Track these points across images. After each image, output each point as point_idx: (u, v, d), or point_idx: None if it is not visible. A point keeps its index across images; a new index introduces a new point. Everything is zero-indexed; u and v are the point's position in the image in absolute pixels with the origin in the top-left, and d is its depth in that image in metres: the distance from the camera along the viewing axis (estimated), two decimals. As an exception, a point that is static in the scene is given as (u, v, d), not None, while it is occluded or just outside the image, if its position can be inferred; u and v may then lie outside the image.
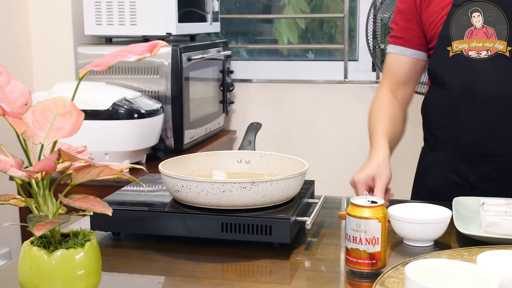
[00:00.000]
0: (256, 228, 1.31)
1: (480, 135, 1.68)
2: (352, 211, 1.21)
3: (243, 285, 1.18)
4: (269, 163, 1.59)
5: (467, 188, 1.70)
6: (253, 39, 3.65)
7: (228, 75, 3.14)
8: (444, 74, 1.71)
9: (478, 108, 1.66)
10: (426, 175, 1.84)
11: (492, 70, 1.63)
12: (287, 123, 3.35)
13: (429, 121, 1.82)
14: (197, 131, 2.77)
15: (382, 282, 1.13)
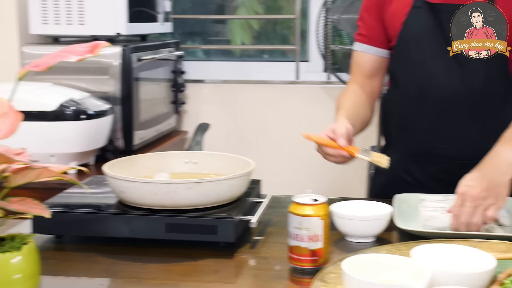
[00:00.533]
0: (201, 228, 1.33)
1: (431, 136, 1.73)
2: (295, 209, 1.24)
3: (187, 284, 1.20)
4: (216, 163, 1.61)
5: (416, 187, 1.74)
6: (207, 39, 3.65)
7: (180, 76, 3.14)
8: (401, 75, 1.76)
9: (430, 110, 1.71)
10: (380, 171, 1.88)
11: (446, 73, 1.68)
12: (240, 123, 3.37)
13: (385, 120, 1.87)
14: (148, 132, 2.76)
15: (321, 277, 1.15)
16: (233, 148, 3.23)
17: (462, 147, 1.70)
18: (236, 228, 1.34)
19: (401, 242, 1.34)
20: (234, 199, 1.44)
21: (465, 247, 1.17)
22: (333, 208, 1.42)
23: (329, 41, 3.06)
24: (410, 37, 1.71)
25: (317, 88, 3.29)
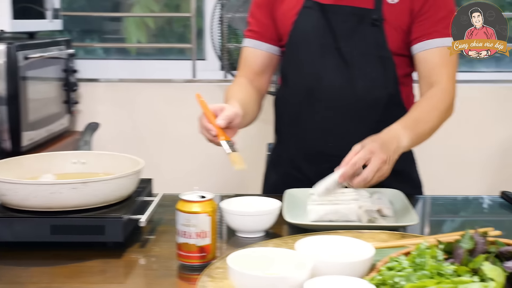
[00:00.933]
0: (88, 228, 1.31)
1: (320, 135, 1.77)
2: (182, 207, 1.25)
3: (71, 286, 1.18)
4: (105, 162, 1.59)
5: (306, 184, 1.78)
6: (103, 37, 3.59)
7: (72, 75, 3.07)
8: (291, 74, 1.80)
9: (319, 109, 1.75)
10: (272, 169, 1.91)
11: (334, 74, 1.72)
12: (138, 123, 3.34)
13: (277, 118, 1.90)
14: (38, 132, 2.68)
15: (208, 273, 1.17)
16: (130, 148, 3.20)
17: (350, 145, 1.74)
18: (125, 227, 1.33)
19: (289, 235, 1.38)
20: (124, 199, 1.43)
21: (347, 238, 1.21)
22: (223, 204, 1.44)
23: (225, 39, 3.08)
24: (300, 37, 1.75)
25: (214, 86, 3.31)
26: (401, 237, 1.35)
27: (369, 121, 1.74)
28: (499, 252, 1.03)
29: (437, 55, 1.73)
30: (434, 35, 1.73)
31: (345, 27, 1.72)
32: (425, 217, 1.67)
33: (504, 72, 3.34)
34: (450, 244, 1.07)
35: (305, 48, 1.75)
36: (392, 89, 1.75)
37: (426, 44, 1.73)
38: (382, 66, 1.72)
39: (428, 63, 1.74)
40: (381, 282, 1.03)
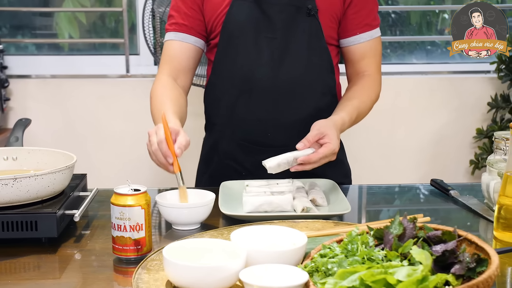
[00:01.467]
0: (21, 224, 1.30)
1: (256, 125, 1.78)
2: (116, 200, 1.24)
3: (4, 283, 1.16)
4: (38, 158, 1.57)
5: (244, 174, 1.79)
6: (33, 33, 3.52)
7: (2, 71, 3.00)
8: (225, 66, 1.78)
9: (255, 100, 1.76)
10: (207, 161, 1.91)
11: (269, 64, 1.73)
12: (71, 119, 3.28)
13: (209, 111, 1.88)
14: (-32, 130, 2.62)
15: (145, 265, 1.17)
16: (64, 145, 3.15)
17: (287, 135, 1.77)
18: (59, 222, 1.32)
19: (225, 227, 1.39)
20: (57, 194, 1.42)
21: (282, 227, 1.23)
22: (158, 198, 1.44)
23: (157, 34, 3.07)
24: (234, 28, 1.74)
25: (148, 81, 3.29)
26: (335, 225, 1.39)
27: (306, 111, 1.76)
28: (427, 236, 1.07)
29: (368, 47, 1.81)
30: (365, 29, 1.78)
31: (281, 17, 1.73)
32: (359, 206, 1.71)
33: (435, 64, 3.44)
34: (380, 230, 1.10)
35: (239, 39, 1.74)
36: (328, 78, 1.79)
37: (359, 37, 1.79)
38: (318, 55, 1.75)
39: (359, 54, 1.81)
40: (314, 269, 1.06)
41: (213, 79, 1.83)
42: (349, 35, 1.79)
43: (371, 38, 1.80)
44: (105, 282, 1.18)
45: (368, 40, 1.80)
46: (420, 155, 3.35)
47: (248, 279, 1.01)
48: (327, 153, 1.57)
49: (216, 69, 1.82)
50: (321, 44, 1.75)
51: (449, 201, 1.66)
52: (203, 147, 1.96)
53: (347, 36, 1.80)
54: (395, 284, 0.91)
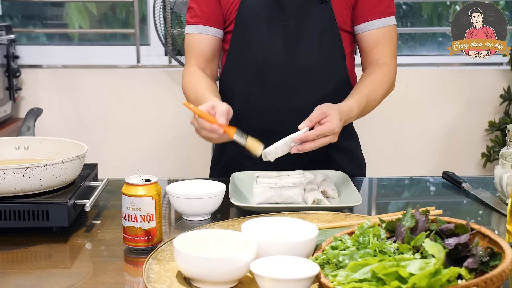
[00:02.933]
0: (32, 213, 1.30)
1: (271, 112, 1.78)
2: (127, 190, 1.24)
3: (17, 272, 1.17)
4: (49, 148, 1.57)
5: (258, 162, 1.79)
6: (44, 23, 3.52)
7: (14, 61, 3.00)
8: (240, 53, 1.78)
9: (268, 87, 1.76)
10: (221, 150, 1.91)
11: (283, 51, 1.73)
12: (82, 109, 3.29)
13: (225, 98, 1.88)
14: (-20, 120, 2.63)
15: (155, 256, 1.17)
16: (75, 134, 3.16)
17: (300, 122, 1.76)
18: (70, 212, 1.32)
19: (235, 218, 1.39)
20: (68, 184, 1.42)
21: (292, 219, 1.23)
22: (169, 188, 1.44)
23: (168, 25, 3.06)
24: (247, 15, 1.75)
25: (158, 71, 3.29)
26: (346, 217, 1.38)
27: (318, 98, 1.76)
28: (440, 229, 1.07)
29: (381, 34, 1.78)
30: (378, 15, 1.77)
31: (293, 4, 1.73)
32: (370, 198, 1.71)
33: (446, 56, 3.42)
34: (392, 223, 1.10)
35: (253, 26, 1.75)
36: (340, 66, 1.78)
37: (371, 24, 1.77)
38: (331, 42, 1.75)
39: (372, 41, 1.79)
40: (325, 261, 1.06)
41: (227, 68, 1.84)
42: (361, 21, 1.78)
43: (384, 25, 1.78)
44: (116, 272, 1.18)
45: (381, 27, 1.78)
46: (431, 148, 3.34)
47: (259, 270, 1.01)
48: (325, 131, 1.53)
49: (230, 57, 1.83)
50: (333, 31, 1.74)
51: (461, 194, 1.65)
52: None
53: (359, 22, 1.78)
54: (407, 277, 0.90)
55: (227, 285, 1.07)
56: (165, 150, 3.32)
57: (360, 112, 1.71)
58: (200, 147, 3.15)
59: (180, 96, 3.17)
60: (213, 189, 1.45)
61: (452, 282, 0.92)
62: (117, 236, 1.33)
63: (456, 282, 0.92)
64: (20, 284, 1.12)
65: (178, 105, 3.20)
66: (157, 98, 3.29)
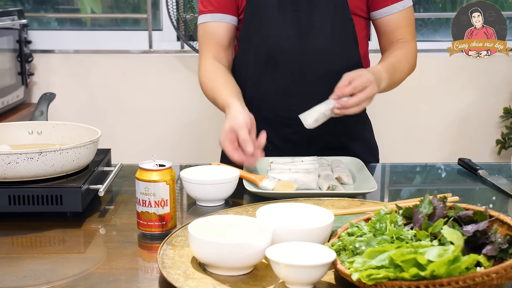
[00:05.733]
0: (46, 198, 1.29)
1: (281, 99, 1.77)
2: (141, 175, 1.23)
3: (31, 256, 1.16)
4: (62, 133, 1.57)
5: (270, 149, 1.78)
6: (55, 8, 3.51)
7: (26, 45, 3.00)
8: (251, 40, 1.77)
9: (280, 73, 1.75)
10: None
11: (294, 37, 1.72)
12: (94, 94, 3.29)
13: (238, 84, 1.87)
14: (-8, 104, 2.63)
15: (170, 241, 1.16)
16: (87, 120, 3.15)
17: None
18: (83, 197, 1.32)
19: (250, 204, 1.38)
20: (82, 169, 1.42)
21: (307, 205, 1.22)
22: (183, 174, 1.43)
23: (181, 9, 3.04)
24: (259, 3, 1.73)
25: (170, 57, 3.28)
26: (361, 204, 1.37)
27: (330, 84, 1.74)
28: (458, 216, 1.05)
29: (401, 17, 1.77)
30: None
31: None
32: (384, 184, 1.69)
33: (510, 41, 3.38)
34: (409, 209, 1.08)
35: (264, 12, 1.73)
36: (353, 51, 1.76)
37: (391, 8, 1.76)
38: (343, 27, 1.73)
39: (392, 25, 1.78)
40: (342, 247, 1.05)
41: (240, 54, 1.83)
42: (381, 6, 1.76)
43: (404, 7, 1.76)
44: (130, 258, 1.18)
45: (401, 10, 1.76)
46: (445, 135, 3.31)
47: (275, 256, 1.00)
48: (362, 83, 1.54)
49: (242, 43, 1.82)
50: (345, 16, 1.72)
51: (477, 181, 1.64)
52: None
53: (379, 7, 1.76)
54: (425, 264, 0.89)
55: (242, 271, 1.06)
56: (177, 135, 3.31)
57: (390, 77, 1.68)
58: (212, 133, 3.14)
59: (192, 81, 3.17)
60: (227, 174, 1.44)
61: (470, 270, 0.90)
62: (130, 222, 1.33)
63: (475, 270, 0.91)
64: (34, 268, 1.11)
65: (190, 90, 3.20)
66: (170, 84, 3.28)
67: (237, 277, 1.04)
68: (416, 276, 0.89)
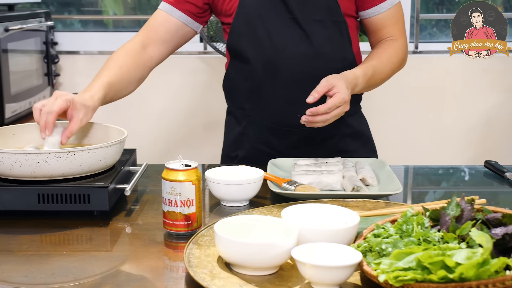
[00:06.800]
0: (74, 197, 1.31)
1: (285, 108, 1.75)
2: (167, 175, 1.24)
3: (60, 254, 1.18)
4: (89, 132, 1.59)
5: (276, 157, 1.77)
6: (79, 10, 3.55)
7: (52, 47, 3.03)
8: (244, 49, 1.74)
9: (282, 81, 1.73)
10: (237, 146, 1.88)
11: (292, 43, 1.70)
12: (117, 95, 3.31)
13: (234, 96, 1.85)
14: (20, 104, 2.66)
15: (195, 241, 1.17)
16: (111, 120, 3.17)
17: None
18: (110, 196, 1.33)
19: (274, 204, 1.38)
20: (108, 168, 1.43)
21: (332, 206, 1.22)
22: (208, 174, 1.44)
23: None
24: (250, 12, 1.71)
25: (193, 58, 3.29)
26: (386, 205, 1.36)
27: None
28: (486, 219, 1.05)
29: (389, 15, 1.77)
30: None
31: None
32: (408, 186, 1.69)
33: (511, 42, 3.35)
34: (436, 211, 1.08)
35: (258, 21, 1.71)
36: (348, 52, 1.76)
37: (379, 8, 1.75)
38: (338, 29, 1.72)
39: (381, 23, 1.77)
40: (368, 248, 1.05)
41: (234, 63, 1.80)
42: (369, 6, 1.75)
43: (391, 5, 1.75)
44: (156, 256, 1.19)
45: (389, 8, 1.75)
46: (469, 136, 3.29)
47: (300, 257, 1.00)
48: (336, 103, 1.53)
49: (235, 54, 1.78)
50: (339, 18, 1.71)
51: (504, 183, 1.62)
52: (227, 131, 1.92)
53: (366, 8, 1.75)
54: (453, 267, 0.89)
55: (267, 271, 1.06)
56: (200, 136, 3.33)
57: (367, 81, 1.68)
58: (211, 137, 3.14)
59: (216, 82, 3.18)
60: (252, 175, 1.45)
61: (500, 273, 0.90)
62: (156, 221, 1.34)
63: (504, 273, 0.91)
64: (63, 266, 1.13)
65: (214, 91, 3.20)
66: (193, 84, 3.29)
67: (263, 277, 1.05)
68: (444, 278, 0.89)
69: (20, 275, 1.09)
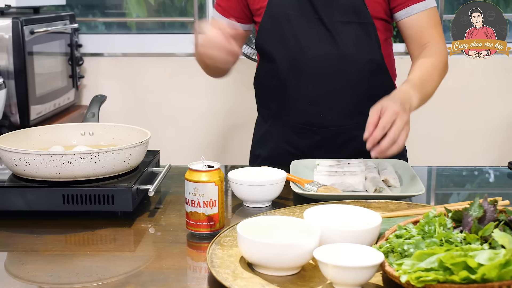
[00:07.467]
0: (98, 198, 1.33)
1: (309, 107, 1.76)
2: (190, 176, 1.25)
3: (84, 254, 1.20)
4: (113, 134, 1.60)
5: (299, 156, 1.78)
6: (105, 12, 3.58)
7: (77, 49, 3.07)
8: (271, 49, 1.77)
9: (306, 81, 1.74)
10: (261, 145, 1.90)
11: (318, 43, 1.71)
12: (141, 97, 3.34)
13: (262, 95, 1.88)
14: (45, 106, 2.69)
15: (218, 241, 1.18)
16: (134, 122, 3.20)
17: (340, 114, 1.76)
18: (134, 197, 1.34)
19: (296, 205, 1.39)
20: (132, 169, 1.45)
21: (354, 207, 1.22)
22: (230, 175, 1.45)
23: (227, 13, 3.06)
24: (277, 10, 1.73)
25: (217, 60, 3.30)
26: (408, 206, 1.36)
27: (356, 89, 1.73)
28: (509, 220, 1.04)
29: (424, 18, 1.74)
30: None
31: None
32: (431, 188, 1.68)
33: (510, 43, 3.32)
34: (458, 212, 1.08)
35: (285, 21, 1.73)
36: (376, 54, 1.75)
37: (411, 9, 1.73)
38: (365, 31, 1.72)
39: (416, 27, 1.74)
40: (390, 249, 1.05)
41: (262, 63, 1.83)
42: (401, 7, 1.73)
43: (425, 8, 1.73)
44: (180, 256, 1.20)
45: (422, 10, 1.73)
46: (493, 137, 3.26)
47: (323, 257, 1.01)
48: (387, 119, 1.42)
49: (262, 53, 1.81)
50: (366, 20, 1.71)
51: (528, 185, 1.62)
52: (256, 130, 1.96)
53: (399, 9, 1.74)
54: (475, 268, 0.89)
55: (290, 271, 1.07)
56: (222, 138, 3.34)
57: (419, 93, 1.60)
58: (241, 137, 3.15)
59: (238, 83, 3.19)
60: (274, 176, 1.46)
61: (522, 274, 0.90)
62: (179, 222, 1.35)
63: (527, 274, 0.90)
64: (88, 265, 1.14)
65: (236, 93, 3.22)
66: (214, 86, 3.30)
67: (285, 277, 1.05)
68: (466, 279, 0.89)
69: (45, 274, 1.11)
